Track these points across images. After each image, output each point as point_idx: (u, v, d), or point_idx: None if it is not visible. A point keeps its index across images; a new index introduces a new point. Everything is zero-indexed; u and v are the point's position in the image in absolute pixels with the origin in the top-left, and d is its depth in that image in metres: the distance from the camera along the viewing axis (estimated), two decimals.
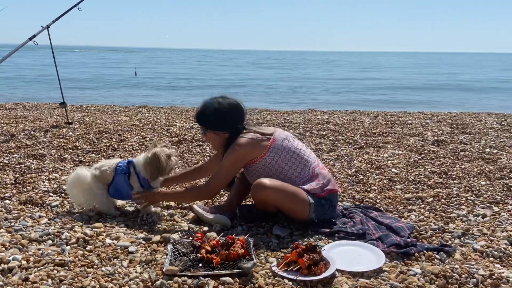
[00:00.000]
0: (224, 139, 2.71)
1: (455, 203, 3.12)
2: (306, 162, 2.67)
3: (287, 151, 2.65)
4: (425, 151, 4.79)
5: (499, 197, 3.22)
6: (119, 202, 2.99)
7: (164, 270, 2.00)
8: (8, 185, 3.30)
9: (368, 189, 3.51)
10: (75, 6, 5.80)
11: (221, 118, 2.68)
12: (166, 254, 2.18)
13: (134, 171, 2.77)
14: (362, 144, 5.13)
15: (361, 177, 3.83)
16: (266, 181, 2.53)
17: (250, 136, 2.64)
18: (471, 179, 3.72)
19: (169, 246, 2.23)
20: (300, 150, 2.71)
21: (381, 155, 4.58)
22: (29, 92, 13.71)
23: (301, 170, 2.64)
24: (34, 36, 5.43)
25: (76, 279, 1.94)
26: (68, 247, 2.24)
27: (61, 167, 3.82)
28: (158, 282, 1.91)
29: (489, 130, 6.06)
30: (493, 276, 2.05)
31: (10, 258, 2.07)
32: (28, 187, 3.27)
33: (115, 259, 2.15)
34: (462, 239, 2.51)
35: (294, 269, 2.04)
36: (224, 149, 2.71)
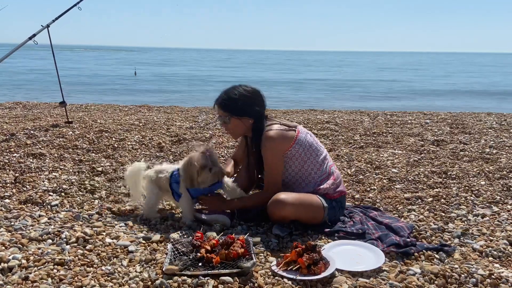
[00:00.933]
0: (248, 125, 2.69)
1: (454, 203, 3.12)
2: (324, 159, 2.70)
3: (309, 145, 2.66)
4: (424, 151, 4.79)
5: (498, 197, 3.22)
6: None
7: (163, 269, 2.00)
8: (8, 184, 3.30)
9: (368, 189, 3.51)
10: (75, 5, 5.80)
11: (247, 103, 2.65)
12: (166, 254, 2.18)
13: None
14: (362, 144, 5.13)
15: (361, 176, 3.83)
16: (284, 196, 2.54)
17: (277, 127, 2.63)
18: (471, 179, 3.73)
19: (169, 246, 2.23)
20: (320, 147, 2.73)
21: (381, 155, 4.59)
22: (29, 91, 13.72)
23: (319, 166, 2.66)
24: (34, 35, 5.43)
25: (76, 278, 1.95)
26: (68, 246, 2.24)
27: (61, 167, 3.82)
28: (157, 282, 1.92)
29: (489, 130, 6.06)
30: (493, 276, 2.05)
31: (10, 257, 2.08)
32: (28, 186, 3.27)
33: (115, 258, 2.16)
34: (461, 238, 2.52)
35: (293, 269, 2.05)
36: (251, 136, 2.71)
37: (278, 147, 2.60)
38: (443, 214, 2.91)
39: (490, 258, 2.29)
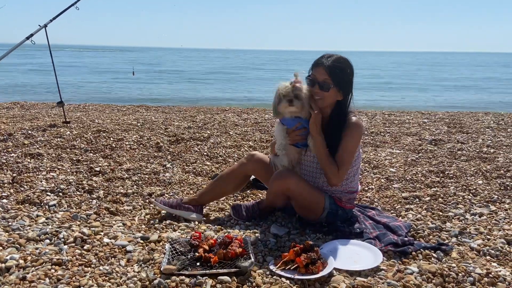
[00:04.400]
0: (336, 100, 2.48)
1: (452, 202, 3.13)
2: (358, 174, 2.69)
3: (359, 154, 2.63)
4: (422, 150, 4.80)
5: (496, 196, 3.23)
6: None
7: (161, 269, 2.00)
8: (6, 184, 3.29)
9: (366, 188, 3.52)
10: (72, 5, 5.79)
11: (351, 80, 2.49)
12: (164, 253, 2.18)
13: None
14: (360, 144, 5.13)
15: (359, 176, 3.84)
16: (291, 172, 2.55)
17: (358, 117, 2.53)
18: (468, 178, 3.74)
19: (167, 245, 2.23)
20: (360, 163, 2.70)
21: (379, 154, 4.59)
22: (27, 91, 13.69)
23: (354, 177, 2.64)
24: (32, 35, 5.42)
25: (73, 278, 1.94)
26: (65, 246, 2.24)
27: (58, 167, 3.82)
28: (155, 281, 1.91)
29: (486, 129, 6.07)
30: (490, 275, 2.06)
31: (8, 257, 2.07)
32: (25, 187, 3.27)
33: (112, 258, 2.15)
34: (459, 237, 2.52)
35: (291, 268, 2.05)
36: (331, 113, 2.51)
37: (360, 136, 2.55)
38: (441, 213, 2.92)
39: (488, 257, 2.29)
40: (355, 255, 2.25)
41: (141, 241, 2.36)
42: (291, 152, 2.63)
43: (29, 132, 5.11)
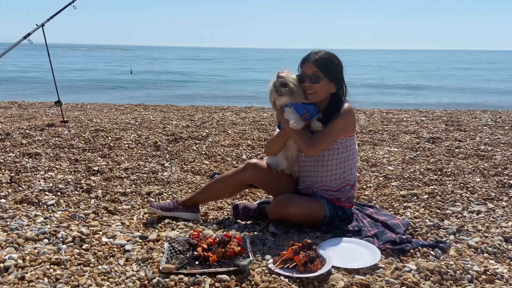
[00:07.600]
0: (328, 93, 2.55)
1: (450, 200, 3.14)
2: (356, 168, 2.70)
3: (355, 146, 2.63)
4: (420, 149, 4.81)
5: (493, 194, 3.24)
6: None
7: (160, 268, 2.01)
8: (4, 184, 3.29)
9: (364, 187, 3.53)
10: (70, 4, 5.78)
11: (341, 70, 2.58)
12: (163, 252, 2.18)
13: None
14: (358, 142, 5.14)
15: (357, 174, 3.84)
16: (290, 197, 2.55)
17: (351, 105, 2.55)
18: (466, 176, 3.75)
19: (166, 244, 2.24)
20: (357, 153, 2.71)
21: (377, 153, 4.60)
22: (24, 91, 13.66)
23: (352, 169, 2.64)
24: (29, 34, 5.41)
25: (72, 277, 1.94)
26: (64, 246, 2.24)
27: (56, 166, 3.81)
28: (154, 280, 1.92)
29: (484, 127, 6.09)
30: (488, 272, 2.07)
31: (6, 257, 2.07)
32: (23, 186, 3.26)
33: (111, 258, 2.16)
34: (457, 235, 2.53)
35: (290, 267, 2.05)
36: (326, 106, 2.56)
37: (349, 123, 2.53)
38: (439, 211, 2.93)
39: (485, 255, 2.30)
40: (353, 253, 2.25)
41: (140, 240, 2.36)
42: (290, 149, 2.67)
43: (27, 131, 5.10)
